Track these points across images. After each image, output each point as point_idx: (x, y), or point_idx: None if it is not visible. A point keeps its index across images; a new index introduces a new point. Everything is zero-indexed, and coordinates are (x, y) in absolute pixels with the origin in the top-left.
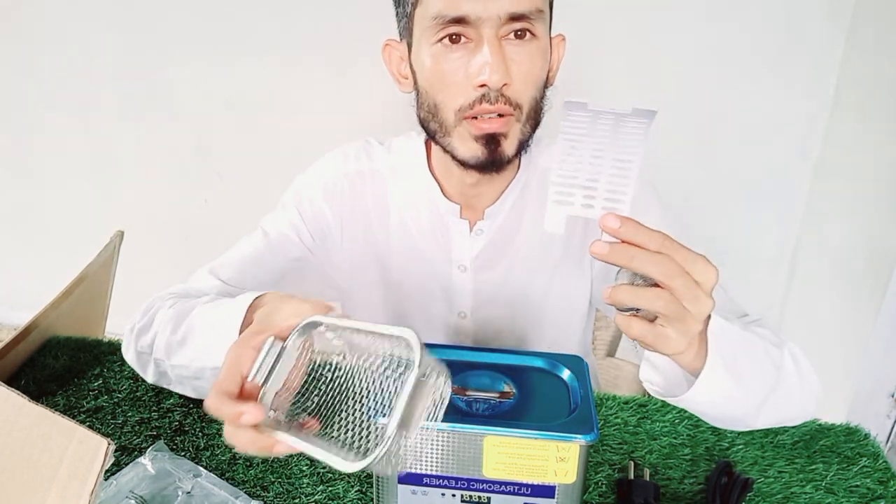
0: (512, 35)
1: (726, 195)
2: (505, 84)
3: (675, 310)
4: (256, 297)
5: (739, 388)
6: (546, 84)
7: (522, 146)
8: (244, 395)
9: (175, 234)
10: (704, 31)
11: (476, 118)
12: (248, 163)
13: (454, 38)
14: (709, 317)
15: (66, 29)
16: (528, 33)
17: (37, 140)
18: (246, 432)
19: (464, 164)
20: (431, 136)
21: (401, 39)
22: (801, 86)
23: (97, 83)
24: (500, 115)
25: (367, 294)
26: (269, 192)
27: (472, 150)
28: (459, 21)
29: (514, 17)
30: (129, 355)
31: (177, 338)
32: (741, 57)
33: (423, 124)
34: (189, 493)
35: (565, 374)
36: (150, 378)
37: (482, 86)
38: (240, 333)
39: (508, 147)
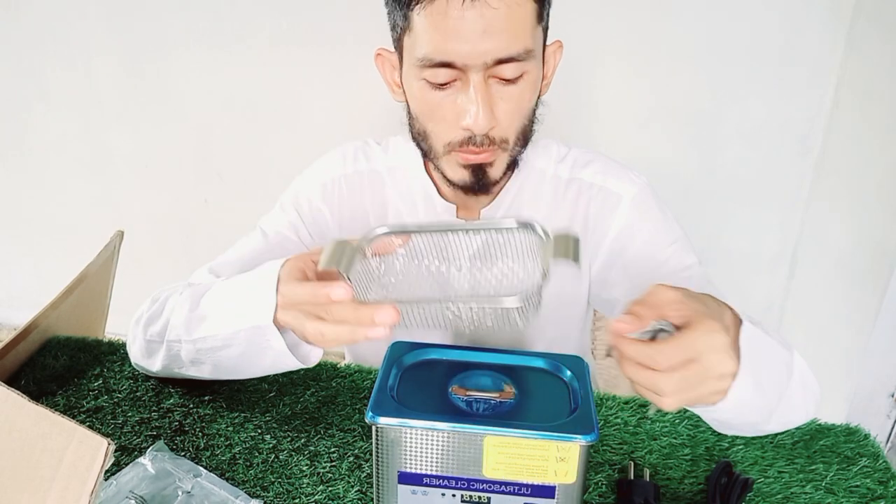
0: (501, 73)
1: (726, 195)
2: (491, 128)
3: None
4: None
5: (759, 394)
6: (538, 100)
7: (512, 165)
8: None
9: (175, 234)
10: (704, 31)
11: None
12: (248, 163)
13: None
14: (741, 321)
15: (65, 29)
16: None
17: (37, 140)
18: (344, 308)
19: (452, 183)
20: (423, 154)
21: (394, 50)
22: (801, 86)
23: (97, 83)
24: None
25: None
26: (269, 192)
27: (460, 175)
28: (446, 65)
29: (502, 61)
30: (135, 347)
31: (197, 314)
32: (741, 57)
33: (415, 141)
34: (189, 493)
35: (565, 374)
36: (156, 367)
37: (468, 128)
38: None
39: (495, 172)
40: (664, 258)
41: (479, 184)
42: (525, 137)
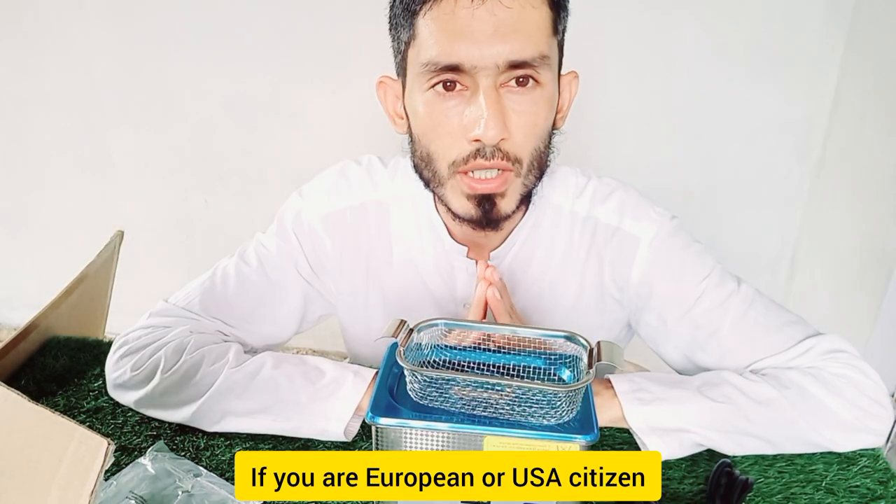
0: (513, 82)
1: (726, 195)
2: (502, 139)
3: None
4: None
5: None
6: (553, 129)
7: (526, 199)
8: None
9: (175, 234)
10: (704, 31)
11: (470, 173)
12: (248, 163)
13: (448, 86)
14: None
15: (66, 29)
16: (531, 80)
17: (37, 140)
18: None
19: (458, 217)
20: (425, 184)
21: (397, 77)
22: (801, 86)
23: (97, 83)
24: (499, 171)
25: (368, 318)
26: (269, 193)
27: (465, 208)
28: (454, 69)
29: (515, 65)
30: (123, 377)
31: (251, 396)
32: (741, 57)
33: (417, 171)
34: (189, 493)
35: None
36: (140, 394)
37: (477, 140)
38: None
39: (506, 205)
40: (696, 296)
41: (487, 218)
42: (540, 166)
